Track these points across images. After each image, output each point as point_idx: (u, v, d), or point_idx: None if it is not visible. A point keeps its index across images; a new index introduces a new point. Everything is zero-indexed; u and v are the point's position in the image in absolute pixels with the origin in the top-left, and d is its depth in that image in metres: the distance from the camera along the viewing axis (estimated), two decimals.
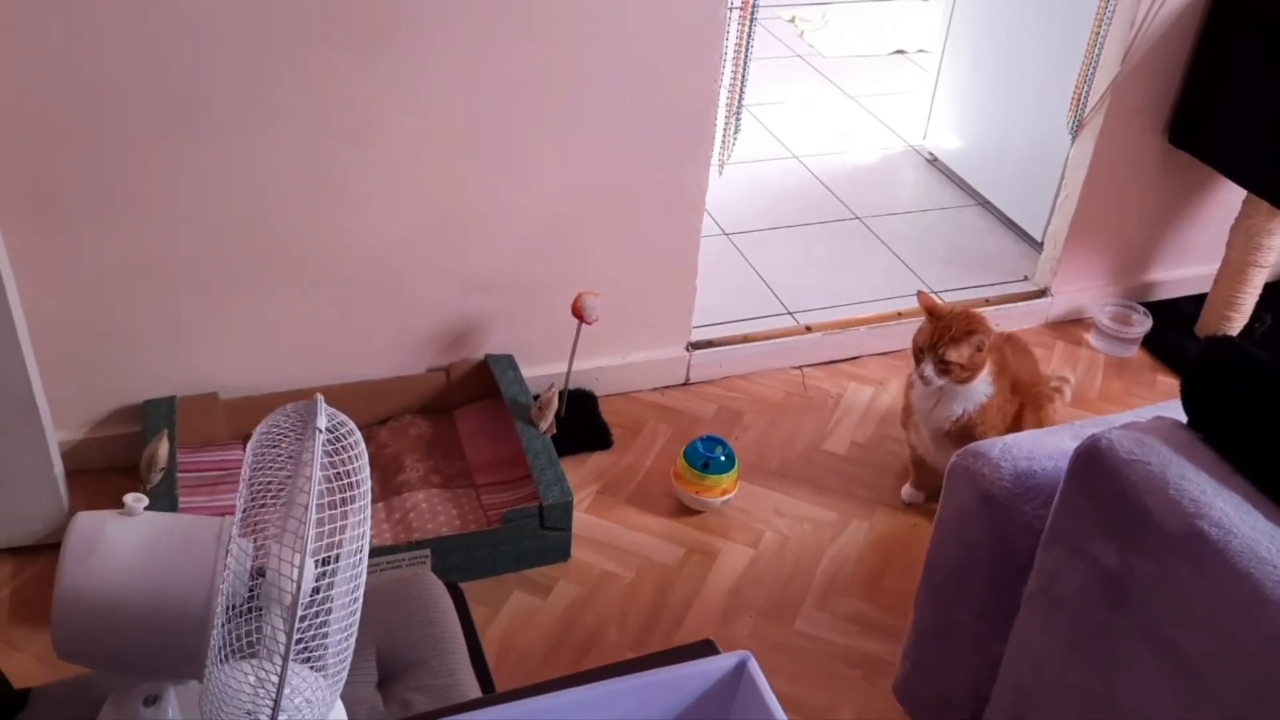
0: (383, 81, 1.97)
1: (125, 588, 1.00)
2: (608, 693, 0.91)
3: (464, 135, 2.08)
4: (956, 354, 1.97)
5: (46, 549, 1.99)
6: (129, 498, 1.03)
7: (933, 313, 2.04)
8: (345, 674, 0.98)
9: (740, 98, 2.27)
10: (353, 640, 0.98)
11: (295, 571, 0.90)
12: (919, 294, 2.08)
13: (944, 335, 1.98)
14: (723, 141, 2.36)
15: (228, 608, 0.95)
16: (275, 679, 0.88)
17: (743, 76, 2.24)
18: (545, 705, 0.89)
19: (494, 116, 2.08)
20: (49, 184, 1.88)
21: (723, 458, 2.18)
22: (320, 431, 0.92)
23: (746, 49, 2.21)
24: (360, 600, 0.98)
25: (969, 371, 1.99)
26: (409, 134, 2.04)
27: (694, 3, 2.08)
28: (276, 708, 0.88)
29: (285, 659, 0.88)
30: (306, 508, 0.90)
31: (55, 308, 1.98)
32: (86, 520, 1.03)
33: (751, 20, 2.19)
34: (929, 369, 2.00)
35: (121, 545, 1.01)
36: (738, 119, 2.31)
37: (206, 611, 1.00)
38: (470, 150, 2.10)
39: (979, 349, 1.97)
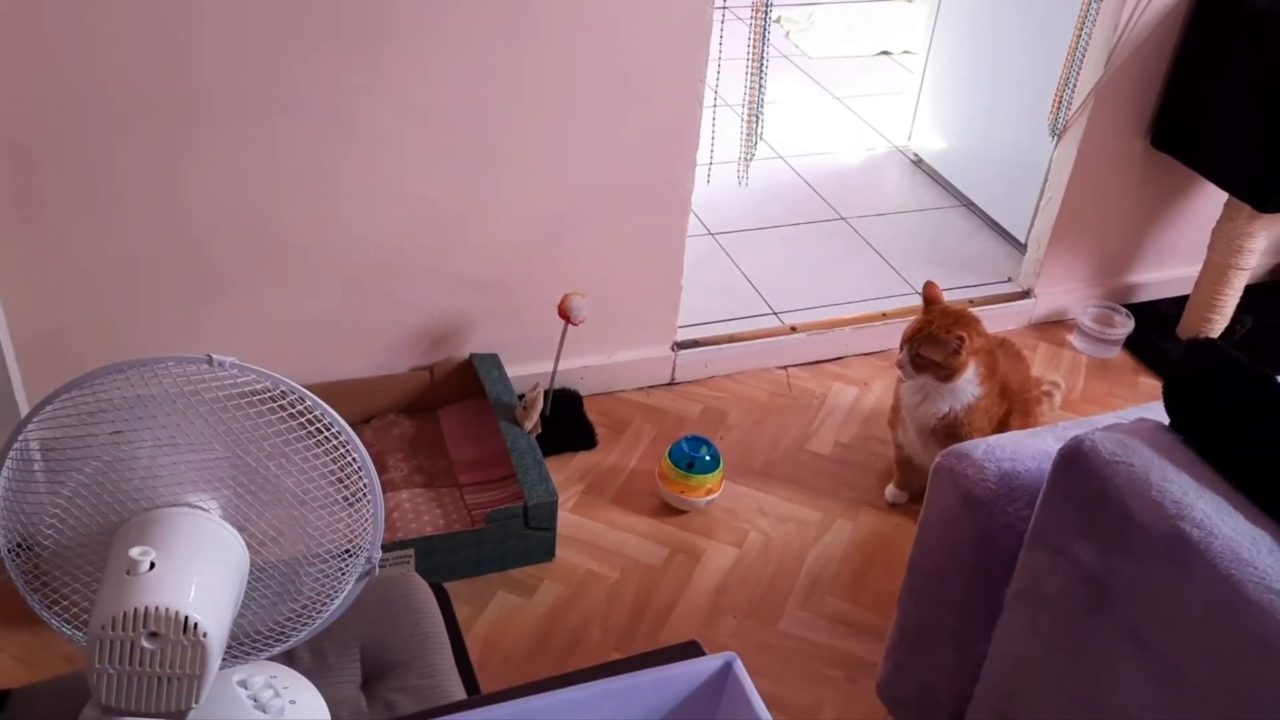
0: (370, 81, 1.96)
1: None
2: (593, 694, 0.90)
3: (451, 135, 2.07)
4: (929, 351, 1.99)
5: None
6: (134, 551, 0.94)
7: (928, 304, 2.05)
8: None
9: (760, 104, 2.25)
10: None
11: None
12: (927, 284, 2.09)
13: (924, 330, 2.00)
14: (743, 152, 2.35)
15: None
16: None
17: (761, 82, 2.23)
18: (530, 707, 0.89)
19: (481, 116, 2.07)
20: (30, 181, 1.87)
21: (707, 457, 2.19)
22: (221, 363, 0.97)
23: (763, 53, 2.19)
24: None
25: (946, 371, 2.00)
26: (396, 133, 2.03)
27: (681, 4, 2.08)
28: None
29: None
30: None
31: (36, 306, 1.96)
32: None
33: (765, 23, 2.16)
34: (904, 359, 2.03)
35: None
36: (759, 126, 2.29)
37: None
38: (457, 150, 2.09)
39: (956, 351, 1.98)
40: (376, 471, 1.06)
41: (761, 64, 2.19)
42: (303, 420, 1.01)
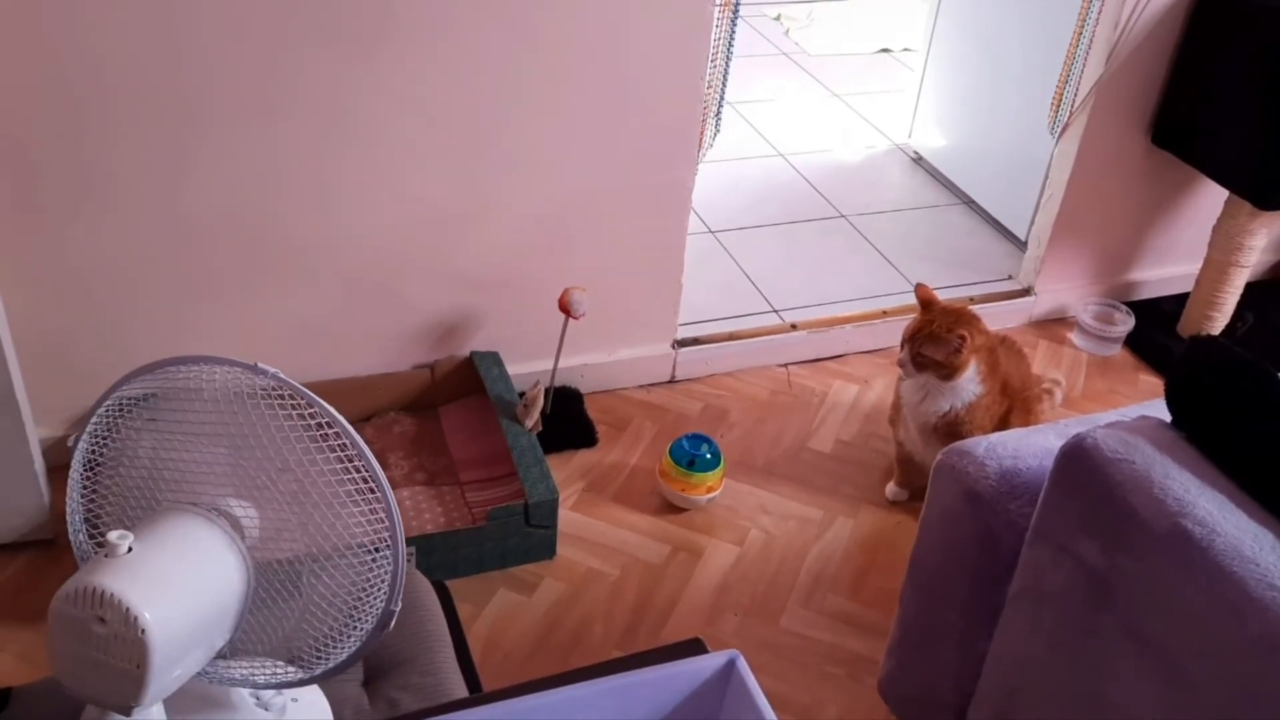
0: (372, 79, 1.96)
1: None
2: (597, 692, 0.90)
3: (451, 133, 2.07)
4: (932, 350, 1.99)
5: (27, 546, 1.97)
6: (113, 535, 0.93)
7: (925, 306, 2.05)
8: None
9: (722, 93, 2.26)
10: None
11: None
12: (918, 286, 2.09)
13: (925, 329, 2.00)
14: (700, 132, 2.35)
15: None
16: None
17: (724, 71, 2.23)
18: (532, 705, 0.89)
19: (482, 115, 2.07)
20: (30, 181, 1.87)
21: (708, 455, 2.19)
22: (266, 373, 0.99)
23: (729, 45, 2.20)
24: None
25: (947, 369, 2.00)
26: (397, 132, 2.03)
27: (681, 3, 2.08)
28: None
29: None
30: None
31: (36, 304, 1.96)
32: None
33: (735, 16, 2.18)
34: (905, 358, 2.03)
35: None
36: (718, 114, 2.30)
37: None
38: (457, 148, 2.09)
39: (957, 350, 1.98)
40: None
41: (729, 49, 2.21)
42: (327, 445, 0.99)
